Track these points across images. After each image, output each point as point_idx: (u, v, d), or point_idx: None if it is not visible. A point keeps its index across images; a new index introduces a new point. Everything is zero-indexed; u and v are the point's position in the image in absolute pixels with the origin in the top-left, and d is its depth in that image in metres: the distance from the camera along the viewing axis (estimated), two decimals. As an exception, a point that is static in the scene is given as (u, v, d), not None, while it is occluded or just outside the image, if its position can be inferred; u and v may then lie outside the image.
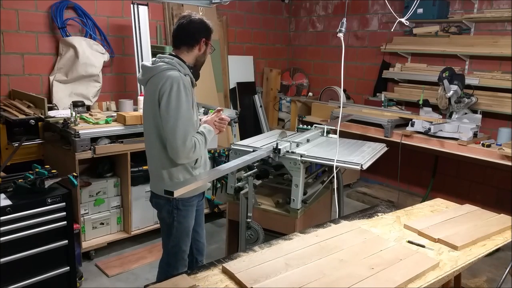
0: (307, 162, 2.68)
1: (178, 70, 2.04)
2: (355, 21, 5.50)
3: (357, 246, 1.91)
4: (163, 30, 4.68)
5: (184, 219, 2.21)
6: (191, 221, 2.26)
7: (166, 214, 2.21)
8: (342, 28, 2.24)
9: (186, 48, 2.12)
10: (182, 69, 2.07)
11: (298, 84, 6.10)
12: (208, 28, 2.14)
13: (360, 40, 5.49)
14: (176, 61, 2.07)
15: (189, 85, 2.06)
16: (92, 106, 3.90)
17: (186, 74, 2.07)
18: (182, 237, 2.25)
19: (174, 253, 2.27)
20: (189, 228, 2.26)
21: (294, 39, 6.32)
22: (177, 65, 2.05)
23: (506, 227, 2.20)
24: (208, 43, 2.17)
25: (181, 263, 2.30)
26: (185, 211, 2.20)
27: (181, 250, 2.27)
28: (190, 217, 2.25)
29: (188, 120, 2.00)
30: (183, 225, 2.22)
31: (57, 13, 3.78)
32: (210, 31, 2.16)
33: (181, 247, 2.26)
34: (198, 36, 2.11)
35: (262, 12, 5.87)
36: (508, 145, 3.46)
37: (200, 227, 2.43)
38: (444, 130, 3.85)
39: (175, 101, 1.97)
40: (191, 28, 2.10)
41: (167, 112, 1.98)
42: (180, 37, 2.12)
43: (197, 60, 2.17)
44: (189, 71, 2.10)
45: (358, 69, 5.51)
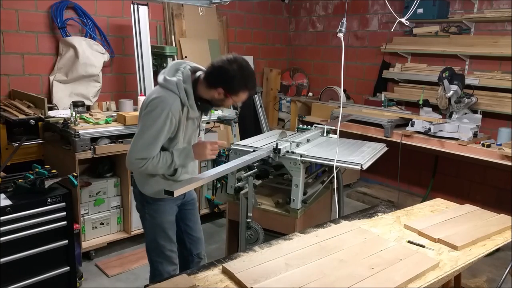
0: (307, 162, 2.68)
1: (179, 96, 1.95)
2: (355, 21, 5.50)
3: (357, 246, 1.91)
4: (163, 30, 4.68)
5: (155, 213, 2.19)
6: (167, 217, 2.21)
7: (139, 206, 2.26)
8: (342, 28, 2.24)
9: (206, 84, 2.00)
10: (185, 98, 1.96)
11: (298, 84, 6.10)
12: (232, 82, 1.95)
13: (360, 40, 5.49)
14: (186, 88, 1.96)
15: (179, 116, 1.97)
16: (92, 106, 3.90)
17: (184, 105, 1.98)
18: (158, 232, 2.21)
19: (153, 249, 2.27)
20: (163, 223, 2.20)
21: (294, 39, 6.32)
22: (183, 91, 1.96)
23: (506, 227, 2.20)
24: (228, 96, 1.99)
25: (165, 258, 2.26)
26: (156, 206, 2.17)
27: (160, 245, 2.23)
28: (164, 212, 2.20)
29: (149, 144, 1.96)
30: (156, 219, 2.20)
31: (57, 13, 3.78)
32: (235, 87, 1.97)
33: (158, 242, 2.23)
34: (217, 83, 1.96)
35: (262, 12, 5.87)
36: (508, 145, 3.46)
37: (191, 221, 2.42)
38: (444, 130, 3.85)
39: (150, 122, 1.94)
40: (217, 70, 1.95)
41: (140, 123, 2.00)
42: (206, 72, 2.00)
43: (213, 101, 2.04)
44: (192, 103, 1.98)
45: (358, 69, 5.51)
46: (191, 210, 2.42)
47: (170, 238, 2.26)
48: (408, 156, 4.56)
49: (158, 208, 2.19)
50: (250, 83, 2.02)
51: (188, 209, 2.39)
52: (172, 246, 2.28)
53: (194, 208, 2.44)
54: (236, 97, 2.01)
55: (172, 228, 2.27)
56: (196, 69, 2.08)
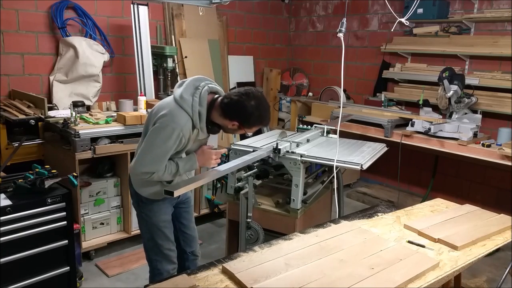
0: (307, 162, 2.68)
1: (192, 118, 1.97)
2: (355, 21, 5.50)
3: (357, 246, 1.91)
4: (163, 30, 4.68)
5: (150, 212, 2.21)
6: (162, 216, 2.23)
7: (135, 205, 2.29)
8: (342, 28, 2.24)
9: (221, 112, 2.02)
10: (198, 121, 1.99)
11: (298, 84, 6.10)
12: (249, 118, 1.99)
13: (360, 40, 5.49)
14: (200, 111, 1.98)
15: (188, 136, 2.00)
16: (92, 106, 3.90)
17: (195, 128, 2.00)
18: (154, 231, 2.24)
19: (151, 248, 2.29)
20: (159, 223, 2.23)
21: (294, 39, 6.32)
22: (196, 114, 1.97)
23: (506, 227, 2.20)
24: (242, 129, 2.06)
25: (163, 257, 2.28)
26: (151, 206, 2.20)
27: (158, 245, 2.25)
28: (159, 212, 2.22)
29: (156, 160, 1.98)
30: (152, 219, 2.22)
31: (57, 13, 3.78)
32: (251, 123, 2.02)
33: (156, 241, 2.25)
34: (234, 116, 2.00)
35: (262, 12, 5.87)
36: (508, 145, 3.46)
37: (186, 219, 2.44)
38: (444, 130, 3.85)
39: (159, 139, 1.96)
40: (235, 104, 1.98)
41: (149, 137, 2.00)
42: (223, 102, 2.01)
43: (224, 128, 2.10)
44: (204, 126, 2.03)
45: (358, 69, 5.51)
46: (186, 209, 2.44)
47: (167, 237, 2.27)
48: (408, 156, 4.56)
49: (153, 208, 2.21)
50: (265, 119, 2.08)
51: (183, 207, 2.41)
52: (170, 244, 2.30)
53: (189, 206, 2.46)
54: (250, 129, 2.09)
55: (168, 227, 2.28)
56: (214, 90, 2.08)
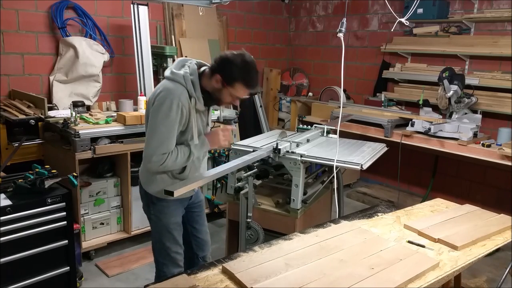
0: (307, 162, 2.68)
1: (186, 88, 1.96)
2: (355, 21, 5.50)
3: (357, 246, 1.91)
4: (163, 30, 4.68)
5: (161, 214, 2.18)
6: (172, 218, 2.20)
7: (145, 207, 2.26)
8: (342, 28, 2.24)
9: (209, 73, 2.01)
10: (192, 89, 1.97)
11: (298, 84, 6.10)
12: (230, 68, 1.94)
13: (360, 40, 5.49)
14: (192, 80, 1.97)
15: (188, 107, 1.97)
16: (92, 106, 3.90)
17: (192, 96, 1.98)
18: (163, 233, 2.21)
19: (158, 250, 2.27)
20: (169, 225, 2.20)
21: (294, 39, 6.32)
22: (189, 83, 1.96)
23: (506, 227, 2.20)
24: (225, 85, 1.96)
25: (169, 259, 2.25)
26: (161, 207, 2.17)
27: (165, 247, 2.22)
28: (169, 213, 2.19)
29: (164, 139, 1.95)
30: (162, 220, 2.19)
31: (57, 13, 3.78)
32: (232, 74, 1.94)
33: (164, 243, 2.22)
34: (217, 70, 1.96)
35: (262, 12, 5.87)
36: (508, 145, 3.46)
37: (198, 223, 2.41)
38: (444, 130, 3.85)
39: (162, 116, 1.94)
40: (221, 58, 1.97)
41: (151, 120, 1.99)
42: (214, 60, 2.01)
43: (213, 93, 2.03)
44: (199, 94, 1.99)
45: (358, 69, 5.51)
46: (198, 213, 2.40)
47: (175, 240, 2.24)
48: (408, 156, 4.56)
49: (163, 209, 2.18)
50: (248, 77, 1.99)
51: (195, 211, 2.38)
52: (178, 248, 2.26)
53: (201, 210, 2.43)
54: (232, 88, 1.98)
55: (178, 229, 2.25)
56: (201, 65, 2.09)
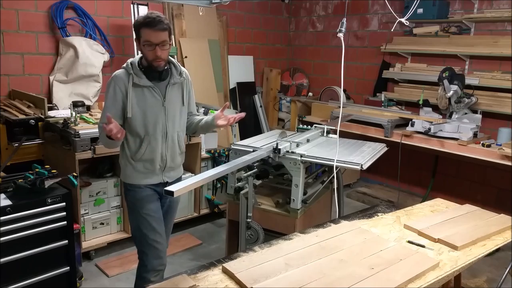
0: (307, 162, 2.68)
1: (125, 69, 2.16)
2: (355, 21, 5.50)
3: (357, 246, 1.91)
4: (163, 30, 4.67)
5: (133, 199, 2.25)
6: (146, 204, 2.24)
7: (124, 196, 2.36)
8: (342, 28, 2.24)
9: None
10: (130, 68, 2.15)
11: (298, 84, 6.10)
12: (135, 27, 2.13)
13: (360, 40, 5.49)
14: (131, 61, 2.18)
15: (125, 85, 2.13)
16: (92, 106, 3.90)
17: (130, 74, 2.14)
18: (139, 219, 2.24)
19: (138, 239, 2.29)
20: (143, 210, 2.23)
21: (294, 39, 6.32)
22: (129, 64, 2.17)
23: (506, 227, 2.20)
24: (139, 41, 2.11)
25: (148, 249, 2.26)
26: (133, 192, 2.24)
27: (143, 234, 2.24)
28: (142, 199, 2.23)
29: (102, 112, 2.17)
30: (136, 206, 2.25)
31: (57, 13, 3.78)
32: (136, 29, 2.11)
33: (141, 230, 2.24)
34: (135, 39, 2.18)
35: (262, 12, 5.87)
36: (508, 145, 3.46)
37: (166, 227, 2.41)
38: (444, 130, 3.85)
39: (105, 95, 2.19)
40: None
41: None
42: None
43: (146, 61, 2.15)
44: (137, 71, 2.14)
45: (358, 69, 5.51)
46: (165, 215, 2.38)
47: (152, 227, 2.25)
48: (408, 156, 4.56)
49: (135, 195, 2.24)
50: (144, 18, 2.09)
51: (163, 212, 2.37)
52: (157, 236, 2.27)
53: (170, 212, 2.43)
54: (142, 38, 2.08)
55: (154, 216, 2.26)
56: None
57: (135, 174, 2.24)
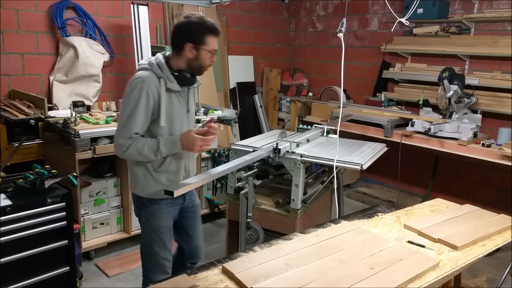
0: (307, 162, 2.68)
1: (153, 71, 1.97)
2: (355, 21, 5.50)
3: (357, 246, 1.91)
4: (163, 30, 4.68)
5: (151, 216, 2.13)
6: (163, 221, 2.15)
7: (136, 209, 2.21)
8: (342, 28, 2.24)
9: (175, 52, 2.03)
10: (159, 71, 1.97)
11: (298, 84, 6.10)
12: (193, 31, 1.95)
13: (360, 40, 5.49)
14: (158, 62, 1.99)
15: (157, 88, 1.96)
16: (92, 106, 3.90)
17: (160, 77, 1.97)
18: (153, 236, 2.15)
19: (147, 254, 2.20)
20: (159, 228, 2.14)
21: (294, 39, 6.32)
22: (155, 66, 1.98)
23: (506, 227, 2.20)
24: (198, 48, 1.97)
25: (156, 266, 2.18)
26: (152, 209, 2.12)
27: (154, 252, 2.16)
28: (160, 216, 2.14)
29: (128, 120, 1.94)
30: (151, 223, 2.14)
31: (57, 13, 3.78)
32: (199, 34, 1.96)
33: (152, 248, 2.15)
34: (183, 42, 1.97)
35: (262, 12, 5.87)
36: (508, 145, 3.46)
37: (191, 229, 2.35)
38: (444, 130, 3.85)
39: (126, 98, 1.96)
40: (176, 32, 2.01)
41: (121, 107, 2.02)
42: (171, 41, 2.06)
43: (190, 66, 2.02)
44: (168, 74, 1.98)
45: (358, 69, 5.51)
46: (193, 218, 2.35)
47: (165, 245, 2.18)
48: (408, 156, 4.56)
49: (154, 212, 2.13)
50: (209, 24, 1.98)
51: (189, 216, 2.32)
52: (167, 253, 2.20)
53: (195, 215, 2.37)
54: (205, 45, 1.98)
55: (168, 234, 2.19)
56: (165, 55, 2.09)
57: (156, 188, 2.07)
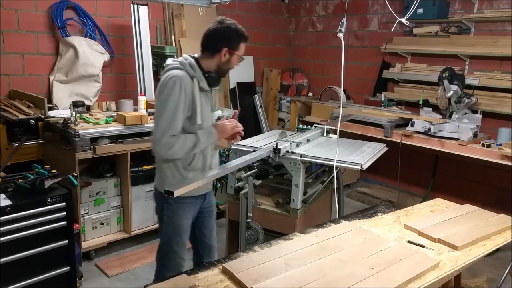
0: (307, 162, 2.68)
1: (186, 71, 2.05)
2: (355, 21, 5.50)
3: (357, 246, 1.91)
4: (163, 30, 4.68)
5: (174, 215, 2.18)
6: (184, 220, 2.21)
7: (158, 208, 2.24)
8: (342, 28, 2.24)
9: (208, 54, 2.10)
10: (192, 71, 2.06)
11: (298, 84, 6.10)
12: (230, 37, 2.07)
13: (360, 40, 5.49)
14: (189, 63, 2.07)
15: (191, 88, 2.03)
16: (92, 106, 3.89)
17: (193, 77, 2.05)
18: (173, 235, 2.20)
19: (165, 252, 2.25)
20: (180, 227, 2.20)
21: (294, 39, 6.32)
22: (188, 66, 2.06)
23: (506, 227, 2.20)
24: (233, 53, 2.09)
25: (172, 265, 2.23)
26: (175, 207, 2.17)
27: (172, 250, 2.21)
28: (182, 215, 2.19)
29: (171, 118, 1.99)
30: (173, 222, 2.18)
31: (57, 13, 3.78)
32: (235, 41, 2.08)
33: (172, 246, 2.21)
34: (220, 46, 2.07)
35: (262, 12, 5.87)
36: (508, 145, 3.46)
37: (206, 228, 2.40)
38: (444, 130, 3.85)
39: (165, 97, 2.00)
40: (213, 36, 2.08)
41: (157, 104, 2.05)
42: (203, 43, 2.11)
43: (219, 68, 2.12)
44: (200, 75, 2.07)
45: (358, 69, 5.51)
46: (208, 217, 2.39)
47: (183, 244, 2.24)
48: (408, 156, 4.56)
49: (176, 210, 2.17)
50: (243, 32, 2.10)
51: (206, 216, 2.37)
52: (184, 253, 2.27)
53: (211, 215, 2.42)
54: (239, 51, 2.11)
55: (187, 233, 2.26)
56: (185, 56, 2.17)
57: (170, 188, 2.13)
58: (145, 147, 3.41)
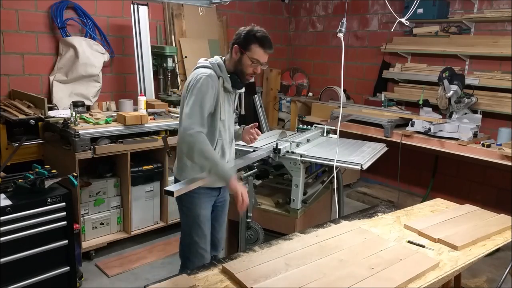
0: (307, 162, 2.68)
1: (214, 70, 2.13)
2: (355, 21, 5.50)
3: (357, 246, 1.91)
4: (163, 30, 4.68)
5: (191, 205, 2.23)
6: (202, 210, 2.25)
7: (177, 199, 2.27)
8: (342, 28, 2.24)
9: (229, 55, 2.19)
10: (219, 70, 2.14)
11: (298, 84, 6.10)
12: (243, 36, 2.12)
13: (360, 40, 5.49)
14: (218, 63, 2.16)
15: (218, 87, 2.11)
16: (92, 106, 3.90)
17: (219, 77, 2.13)
18: (193, 226, 2.25)
19: (187, 244, 2.29)
20: (199, 216, 2.24)
21: (294, 39, 6.32)
22: (216, 66, 2.15)
23: (506, 227, 2.20)
24: (243, 53, 2.12)
25: (197, 258, 2.27)
26: (191, 197, 2.20)
27: (193, 241, 2.25)
28: (200, 205, 2.24)
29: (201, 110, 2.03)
30: (192, 212, 2.24)
31: (57, 13, 3.78)
32: (247, 40, 2.12)
33: (192, 237, 2.25)
34: (232, 43, 2.16)
35: (262, 12, 5.87)
36: (508, 145, 3.46)
37: (218, 222, 2.45)
38: (444, 130, 3.85)
39: (196, 91, 2.05)
40: (235, 35, 2.18)
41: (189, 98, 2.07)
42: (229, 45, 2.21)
43: (236, 68, 2.17)
44: (226, 75, 2.15)
45: (358, 69, 5.51)
46: (221, 211, 2.44)
47: (204, 234, 2.28)
48: (408, 156, 4.56)
49: (193, 200, 2.22)
50: (261, 37, 2.11)
51: (218, 210, 2.42)
52: (206, 244, 2.30)
53: (223, 210, 2.47)
54: (250, 52, 2.11)
55: (207, 223, 2.29)
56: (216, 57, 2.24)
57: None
58: (145, 147, 3.40)
